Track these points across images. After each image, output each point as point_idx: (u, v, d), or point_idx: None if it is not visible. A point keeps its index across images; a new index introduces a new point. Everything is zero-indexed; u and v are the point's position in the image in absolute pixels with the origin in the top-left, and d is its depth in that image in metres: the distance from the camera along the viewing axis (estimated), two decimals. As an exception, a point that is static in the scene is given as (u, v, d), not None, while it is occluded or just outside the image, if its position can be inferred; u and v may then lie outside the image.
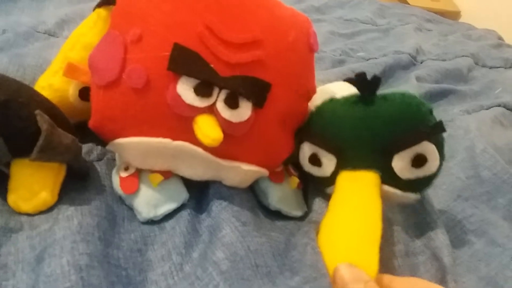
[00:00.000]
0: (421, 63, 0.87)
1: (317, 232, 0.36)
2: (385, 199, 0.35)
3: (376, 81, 0.34)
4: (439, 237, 0.39)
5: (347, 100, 0.37)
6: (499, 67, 0.94)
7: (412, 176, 0.35)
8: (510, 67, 0.94)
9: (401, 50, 0.86)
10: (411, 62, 0.84)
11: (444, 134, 0.35)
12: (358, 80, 0.35)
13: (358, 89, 0.36)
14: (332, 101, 0.38)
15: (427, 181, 0.36)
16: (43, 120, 0.29)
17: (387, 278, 0.32)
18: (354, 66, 0.73)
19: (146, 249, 0.32)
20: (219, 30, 0.32)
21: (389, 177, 0.35)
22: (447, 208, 0.46)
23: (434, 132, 0.34)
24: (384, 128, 0.34)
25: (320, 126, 0.38)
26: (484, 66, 0.93)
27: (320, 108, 0.38)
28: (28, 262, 0.28)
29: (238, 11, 0.33)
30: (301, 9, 1.08)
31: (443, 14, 1.42)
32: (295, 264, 0.32)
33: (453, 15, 1.53)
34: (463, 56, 0.92)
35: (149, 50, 0.31)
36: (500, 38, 1.21)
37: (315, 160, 0.38)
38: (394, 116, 0.34)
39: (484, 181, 0.50)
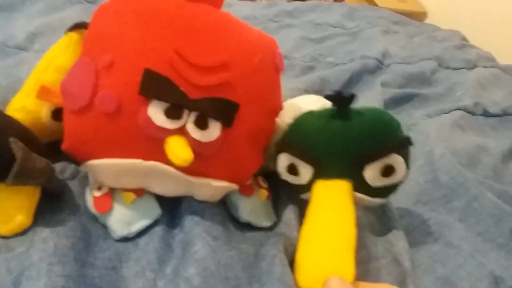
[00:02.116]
0: (388, 66, 0.89)
1: (285, 244, 0.38)
2: (356, 204, 0.38)
3: (351, 97, 0.37)
4: (400, 242, 0.42)
5: (324, 113, 0.39)
6: (461, 68, 0.96)
7: (381, 184, 0.38)
8: (471, 68, 0.96)
9: (368, 54, 0.88)
10: (378, 66, 0.86)
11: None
12: (334, 96, 0.37)
13: (334, 104, 0.38)
14: (310, 113, 0.40)
15: (394, 187, 0.39)
16: (17, 148, 0.30)
17: (363, 285, 0.34)
18: (323, 74, 0.75)
19: (120, 266, 0.34)
20: (188, 54, 0.33)
21: (360, 185, 0.38)
22: (406, 212, 0.48)
23: (402, 146, 0.38)
24: (357, 141, 0.37)
25: (298, 138, 0.39)
26: (447, 68, 0.95)
27: (298, 121, 0.40)
28: (5, 285, 0.29)
29: (206, 36, 0.34)
30: (273, 13, 1.09)
31: (410, 14, 1.46)
32: (263, 276, 0.34)
33: (420, 16, 1.57)
34: (427, 59, 0.95)
35: (121, 75, 0.32)
36: (464, 38, 1.25)
37: (292, 169, 0.40)
38: (366, 131, 0.37)
39: (442, 185, 0.52)
